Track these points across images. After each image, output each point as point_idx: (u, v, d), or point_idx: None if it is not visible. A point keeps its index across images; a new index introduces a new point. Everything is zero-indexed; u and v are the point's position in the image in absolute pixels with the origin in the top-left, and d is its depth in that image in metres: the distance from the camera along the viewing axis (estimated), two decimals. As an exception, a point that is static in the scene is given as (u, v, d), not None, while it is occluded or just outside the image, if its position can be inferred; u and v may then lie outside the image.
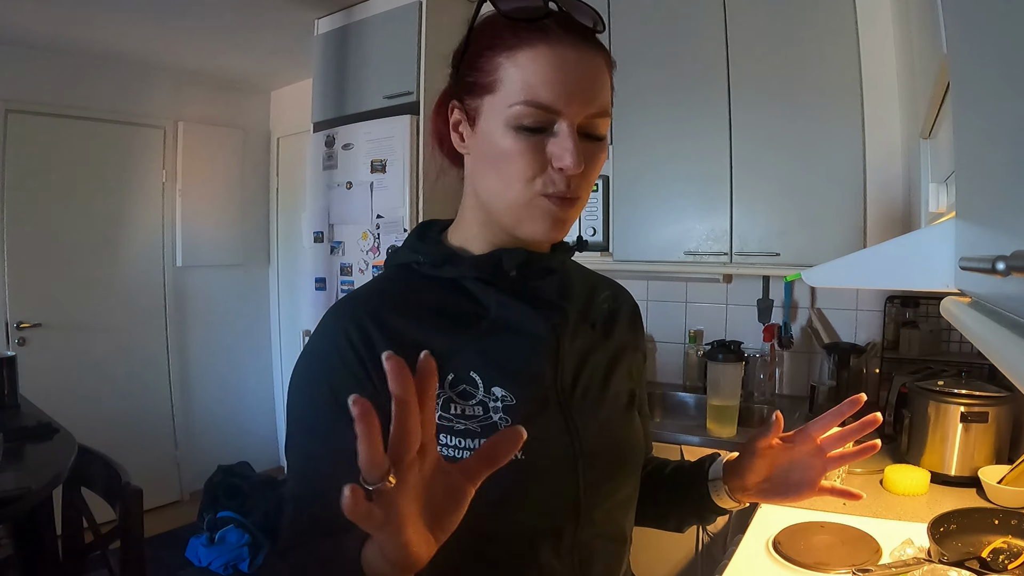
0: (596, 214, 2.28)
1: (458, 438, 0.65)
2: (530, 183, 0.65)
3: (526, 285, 0.72)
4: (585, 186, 0.68)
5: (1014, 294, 0.45)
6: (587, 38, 0.65)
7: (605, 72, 0.67)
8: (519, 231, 0.69)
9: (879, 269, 0.88)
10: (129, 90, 3.37)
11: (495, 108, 0.65)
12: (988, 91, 0.49)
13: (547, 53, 0.63)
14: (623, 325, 0.83)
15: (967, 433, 1.49)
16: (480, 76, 0.66)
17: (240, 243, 3.88)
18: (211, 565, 2.87)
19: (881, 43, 1.81)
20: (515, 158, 0.65)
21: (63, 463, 1.71)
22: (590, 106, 0.64)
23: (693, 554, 1.90)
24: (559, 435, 0.70)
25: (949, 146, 0.86)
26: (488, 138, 0.67)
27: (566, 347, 0.72)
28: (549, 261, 0.74)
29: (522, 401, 0.68)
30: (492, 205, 0.69)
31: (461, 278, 0.71)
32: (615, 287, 0.87)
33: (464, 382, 0.67)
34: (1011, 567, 1.09)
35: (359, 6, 2.59)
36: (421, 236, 0.77)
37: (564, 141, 0.63)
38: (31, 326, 3.10)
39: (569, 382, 0.72)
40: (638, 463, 0.80)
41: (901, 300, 2.07)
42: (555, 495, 0.69)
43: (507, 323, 0.70)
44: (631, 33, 2.18)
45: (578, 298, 0.78)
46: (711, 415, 1.92)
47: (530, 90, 0.63)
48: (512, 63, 0.64)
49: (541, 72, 0.63)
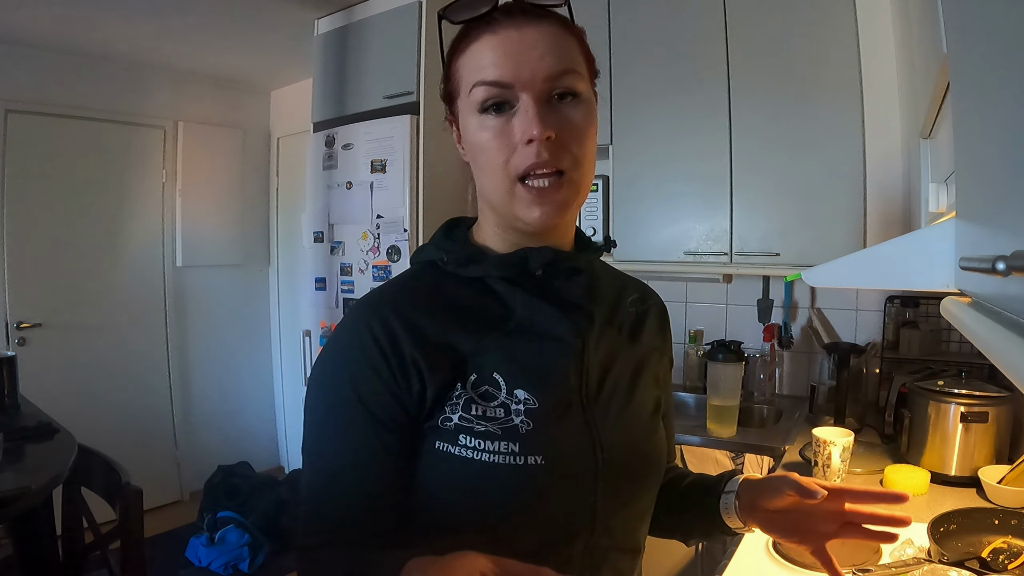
0: (596, 214, 2.28)
1: (478, 439, 0.65)
2: (504, 169, 0.65)
3: (552, 285, 0.71)
4: (570, 156, 0.65)
5: (1014, 294, 0.45)
6: (532, 15, 0.66)
7: (562, 35, 0.67)
8: (516, 223, 0.68)
9: (879, 269, 0.88)
10: (129, 90, 3.37)
11: (464, 106, 0.68)
12: (988, 91, 0.49)
13: (489, 38, 0.65)
14: (651, 329, 0.82)
15: (967, 433, 1.49)
16: (449, 84, 0.70)
17: (240, 243, 3.88)
18: (211, 565, 2.87)
19: (881, 43, 1.81)
20: (485, 146, 0.66)
21: (63, 463, 1.71)
22: (543, 70, 0.64)
23: (693, 554, 1.90)
24: (580, 440, 0.69)
25: (949, 146, 0.86)
26: (466, 137, 0.69)
27: (591, 351, 0.71)
28: (576, 261, 0.73)
29: (544, 404, 0.67)
30: (490, 201, 0.70)
31: (487, 277, 0.71)
32: (644, 289, 0.86)
33: (487, 383, 0.66)
34: (1011, 567, 1.09)
35: (359, 6, 2.59)
36: (448, 234, 0.76)
37: (526, 112, 0.64)
38: (31, 326, 3.10)
39: (594, 387, 0.71)
40: (659, 474, 0.78)
41: (901, 300, 2.07)
42: (573, 501, 0.68)
43: (532, 324, 0.70)
44: (631, 33, 2.18)
45: (605, 300, 0.76)
46: (711, 415, 1.92)
47: (479, 72, 0.65)
48: (466, 60, 0.67)
49: (486, 55, 0.65)
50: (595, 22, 2.20)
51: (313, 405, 0.69)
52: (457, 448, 0.65)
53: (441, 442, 0.65)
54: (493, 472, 0.64)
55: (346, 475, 0.66)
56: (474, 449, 0.64)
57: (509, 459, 0.64)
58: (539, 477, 0.65)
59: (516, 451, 0.64)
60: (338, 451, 0.67)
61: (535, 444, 0.65)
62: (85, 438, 1.87)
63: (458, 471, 0.64)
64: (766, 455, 1.80)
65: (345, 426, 0.66)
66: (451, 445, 0.65)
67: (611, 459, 0.69)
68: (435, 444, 0.65)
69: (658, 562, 1.93)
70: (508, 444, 0.64)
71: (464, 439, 0.65)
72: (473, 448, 0.64)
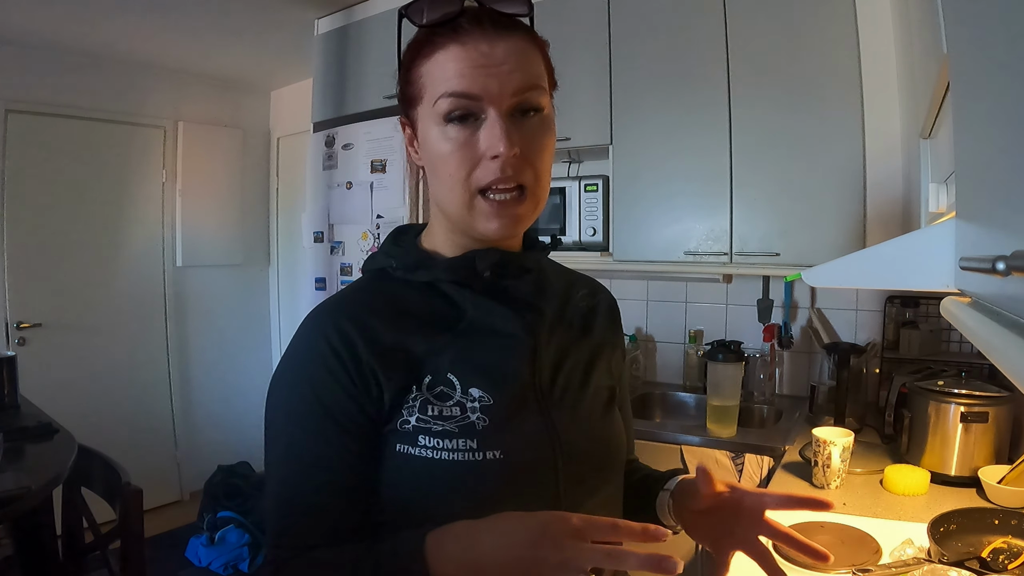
0: (596, 214, 2.28)
1: (436, 439, 0.66)
2: (466, 182, 0.65)
3: (501, 285, 0.72)
4: (531, 171, 0.66)
5: (1014, 294, 0.45)
6: (500, 25, 0.65)
7: (529, 50, 0.67)
8: (473, 232, 0.69)
9: (879, 269, 0.88)
10: (129, 90, 3.37)
11: (425, 113, 0.67)
12: (988, 91, 0.49)
13: (458, 49, 0.64)
14: (601, 322, 0.83)
15: (967, 433, 1.49)
16: (410, 88, 0.69)
17: (240, 243, 3.88)
18: (211, 565, 2.87)
19: (881, 43, 1.81)
20: (447, 157, 0.66)
21: (63, 463, 1.71)
22: (511, 85, 0.64)
23: (693, 554, 1.90)
24: (538, 433, 0.70)
25: (949, 146, 0.86)
26: (426, 144, 0.68)
27: (543, 347, 0.73)
28: (524, 260, 0.74)
29: (499, 401, 0.68)
30: (445, 210, 0.70)
31: (436, 281, 0.72)
32: (592, 284, 0.87)
33: (441, 384, 0.68)
34: (1011, 567, 1.09)
35: (359, 6, 2.59)
36: (396, 241, 0.78)
37: (492, 127, 0.64)
38: (31, 326, 3.10)
39: (547, 381, 0.73)
40: (620, 460, 0.80)
41: (901, 300, 2.07)
42: (535, 494, 0.69)
43: (483, 324, 0.71)
44: (631, 33, 2.18)
45: (554, 296, 0.78)
46: (711, 415, 1.92)
47: (447, 83, 0.64)
48: (431, 67, 0.66)
49: (454, 67, 0.64)
50: (595, 22, 2.19)
51: (272, 417, 0.70)
52: (417, 449, 0.66)
53: (402, 444, 0.66)
54: (453, 469, 0.65)
55: (311, 480, 0.67)
56: (433, 448, 0.65)
57: (468, 455, 0.65)
58: (499, 471, 0.66)
59: (474, 447, 0.66)
60: (302, 457, 0.67)
61: (492, 440, 0.66)
62: (85, 438, 1.87)
63: (419, 471, 0.66)
64: (766, 455, 1.80)
65: (306, 432, 0.67)
66: (411, 447, 0.66)
67: (570, 450, 0.71)
68: (396, 447, 0.67)
69: (658, 562, 1.92)
70: (466, 441, 0.66)
71: (423, 439, 0.66)
72: (432, 448, 0.65)
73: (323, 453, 0.66)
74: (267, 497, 0.70)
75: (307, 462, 0.67)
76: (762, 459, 1.80)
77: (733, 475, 1.83)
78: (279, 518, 0.68)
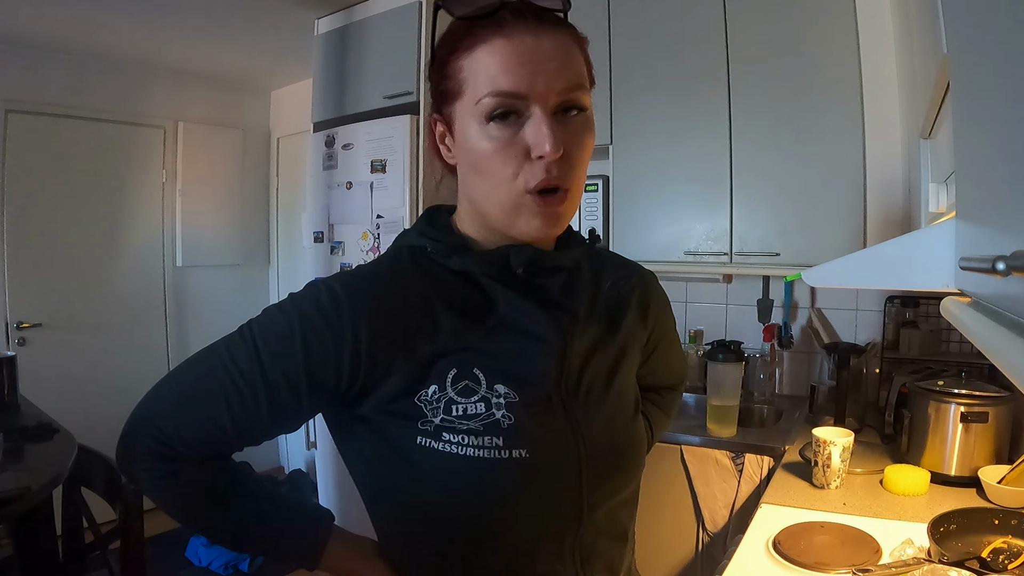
0: (596, 214, 2.28)
1: (461, 435, 0.65)
2: (513, 181, 0.64)
3: (534, 283, 0.71)
4: (573, 172, 0.65)
5: (1014, 294, 0.45)
6: (544, 20, 0.64)
7: (572, 47, 0.66)
8: (512, 231, 0.68)
9: (879, 269, 0.88)
10: (129, 90, 3.37)
11: (466, 110, 0.65)
12: (988, 91, 0.49)
13: (503, 44, 0.62)
14: (631, 315, 0.81)
15: (967, 433, 1.49)
16: (448, 83, 0.67)
17: (240, 243, 3.88)
18: (211, 565, 2.87)
19: (881, 43, 1.81)
20: (492, 156, 0.64)
21: (63, 463, 1.71)
22: (558, 83, 0.63)
23: (693, 554, 1.90)
24: (562, 434, 0.69)
25: (949, 146, 0.86)
26: (466, 142, 0.66)
27: (573, 349, 0.72)
28: (558, 259, 0.73)
29: (525, 399, 0.67)
30: (484, 209, 0.69)
31: (470, 271, 0.70)
32: (626, 271, 0.84)
33: (467, 378, 0.66)
34: (1011, 567, 1.09)
35: (359, 6, 2.59)
36: (431, 221, 0.75)
37: (538, 127, 0.62)
38: (31, 326, 3.10)
39: (573, 381, 0.71)
40: (640, 462, 0.79)
41: (901, 300, 2.07)
42: (558, 494, 0.69)
43: (514, 323, 0.69)
44: (631, 33, 2.18)
45: (585, 292, 0.76)
46: (711, 415, 1.92)
47: (492, 81, 0.62)
48: (473, 62, 0.64)
49: (500, 63, 0.62)
50: (595, 22, 2.19)
51: (230, 339, 0.70)
52: (441, 444, 0.65)
53: (423, 438, 0.65)
54: (478, 466, 0.64)
55: (210, 408, 0.68)
56: (458, 444, 0.65)
57: (494, 453, 0.64)
58: (524, 470, 0.65)
59: (500, 445, 0.65)
60: (214, 391, 0.68)
61: (518, 438, 0.65)
62: (85, 438, 1.87)
63: (441, 465, 0.65)
64: (766, 455, 1.80)
65: (240, 376, 0.66)
66: (434, 441, 0.65)
67: (593, 450, 0.70)
68: (417, 439, 0.66)
69: (658, 562, 1.93)
70: (491, 439, 0.65)
71: (447, 435, 0.65)
72: (456, 443, 0.65)
73: (237, 405, 0.66)
74: (157, 386, 0.74)
75: (215, 392, 0.67)
76: (762, 459, 1.80)
77: (733, 475, 1.83)
78: (167, 411, 0.73)
